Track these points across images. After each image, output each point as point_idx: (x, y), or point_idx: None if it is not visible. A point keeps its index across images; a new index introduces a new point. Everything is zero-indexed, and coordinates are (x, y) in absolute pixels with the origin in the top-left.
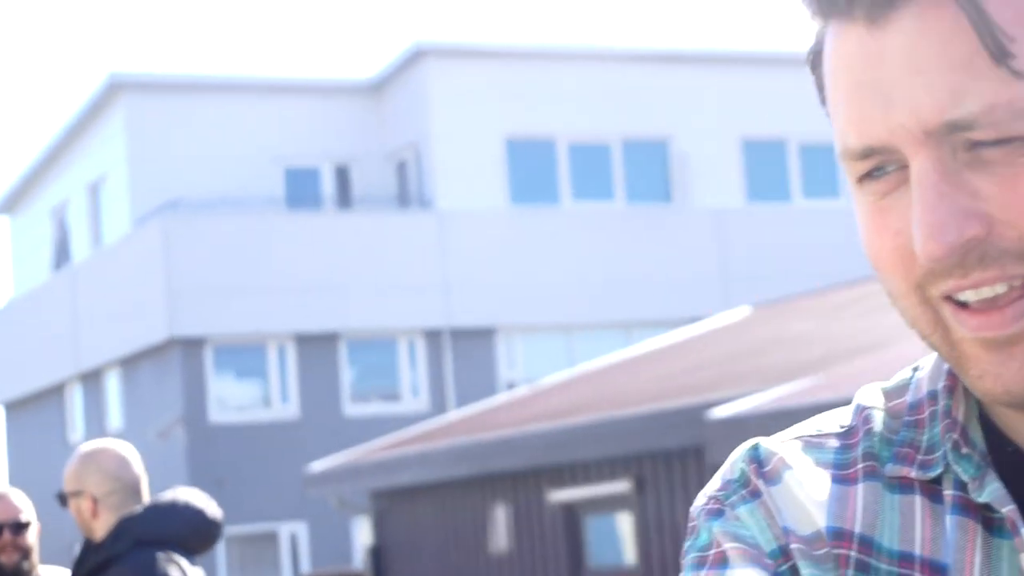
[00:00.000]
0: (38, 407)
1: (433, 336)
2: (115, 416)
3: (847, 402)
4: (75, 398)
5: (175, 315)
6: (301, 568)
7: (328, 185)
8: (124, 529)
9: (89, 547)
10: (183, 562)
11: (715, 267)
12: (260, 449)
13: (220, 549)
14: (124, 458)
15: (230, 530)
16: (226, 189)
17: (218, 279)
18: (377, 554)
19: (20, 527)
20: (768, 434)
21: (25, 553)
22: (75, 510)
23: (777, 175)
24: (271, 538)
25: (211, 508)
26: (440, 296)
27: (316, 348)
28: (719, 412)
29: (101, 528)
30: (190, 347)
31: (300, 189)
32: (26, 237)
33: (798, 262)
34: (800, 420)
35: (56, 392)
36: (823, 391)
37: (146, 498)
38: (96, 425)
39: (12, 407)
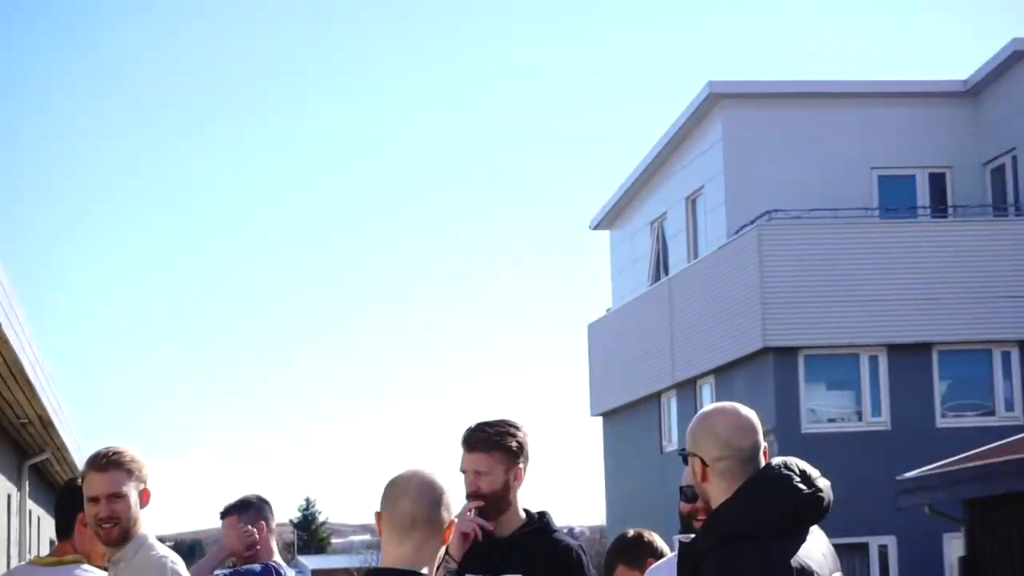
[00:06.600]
0: (634, 415)
1: None
2: None
3: None
4: (670, 407)
5: (768, 325)
6: None
7: (923, 192)
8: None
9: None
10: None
11: None
12: (850, 459)
13: None
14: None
15: None
16: (819, 198)
17: (810, 289)
18: (969, 564)
19: None
20: None
21: None
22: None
23: None
24: (861, 549)
25: None
26: None
27: (908, 359)
28: None
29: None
30: (783, 356)
31: (894, 197)
32: (625, 250)
33: None
34: None
35: (652, 401)
36: None
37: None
38: None
39: (609, 415)
